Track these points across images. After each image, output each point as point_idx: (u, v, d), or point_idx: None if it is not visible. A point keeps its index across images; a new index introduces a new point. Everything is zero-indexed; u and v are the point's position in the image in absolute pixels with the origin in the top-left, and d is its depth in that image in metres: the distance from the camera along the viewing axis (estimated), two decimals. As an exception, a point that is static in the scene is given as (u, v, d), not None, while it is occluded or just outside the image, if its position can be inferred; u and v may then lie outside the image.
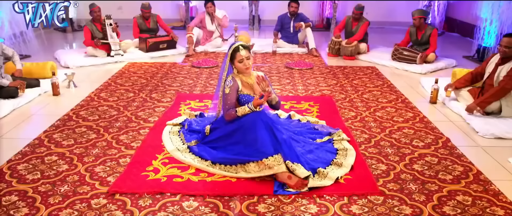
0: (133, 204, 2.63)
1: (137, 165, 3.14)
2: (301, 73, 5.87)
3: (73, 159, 3.24)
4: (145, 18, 7.07)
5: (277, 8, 8.56)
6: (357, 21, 6.89)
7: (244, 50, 3.15)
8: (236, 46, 3.15)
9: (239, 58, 3.13)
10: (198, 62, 6.33)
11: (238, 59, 3.14)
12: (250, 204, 2.67)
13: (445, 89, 4.58)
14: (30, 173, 3.00)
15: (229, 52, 3.18)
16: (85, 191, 2.78)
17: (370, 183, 2.92)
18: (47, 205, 2.59)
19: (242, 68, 3.17)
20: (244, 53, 3.13)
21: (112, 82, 5.29)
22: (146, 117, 4.15)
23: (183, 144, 3.46)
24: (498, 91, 4.01)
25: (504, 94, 4.00)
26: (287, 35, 7.41)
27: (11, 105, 4.30)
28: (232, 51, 3.15)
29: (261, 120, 3.05)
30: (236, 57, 3.14)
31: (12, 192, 2.74)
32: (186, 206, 2.63)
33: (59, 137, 3.63)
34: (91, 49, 6.41)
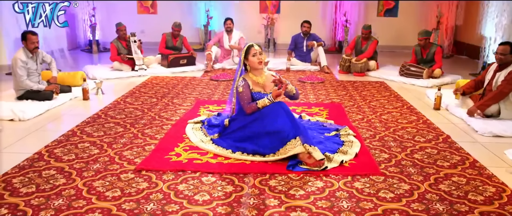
0: (158, 178, 2.96)
1: (161, 151, 3.47)
2: (313, 86, 6.22)
3: (103, 145, 3.60)
4: (174, 36, 7.59)
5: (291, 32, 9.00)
6: (366, 40, 7.27)
7: (257, 46, 3.53)
8: (250, 44, 3.53)
9: (253, 52, 3.49)
10: (216, 76, 6.74)
11: (252, 53, 3.49)
12: (262, 180, 2.96)
13: (454, 93, 4.84)
14: (65, 155, 3.37)
15: (244, 49, 3.55)
16: (115, 168, 3.12)
17: (372, 166, 3.19)
18: (68, 182, 2.93)
19: (255, 62, 3.51)
20: (257, 47, 3.51)
21: (136, 91, 5.71)
22: (168, 116, 4.51)
23: (206, 136, 3.79)
24: (496, 94, 4.27)
25: (502, 97, 4.26)
26: (300, 53, 7.82)
27: (46, 106, 4.73)
28: (246, 47, 3.53)
29: (281, 108, 3.37)
30: (250, 52, 3.50)
31: (51, 167, 3.10)
32: (205, 180, 2.94)
33: (90, 130, 4.01)
34: (117, 64, 6.90)
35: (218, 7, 9.96)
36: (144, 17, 10.24)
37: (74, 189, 2.77)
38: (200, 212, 2.51)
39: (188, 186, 2.85)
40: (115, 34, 7.20)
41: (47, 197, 2.65)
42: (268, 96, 3.42)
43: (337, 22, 9.99)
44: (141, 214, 2.47)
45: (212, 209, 2.55)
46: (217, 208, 2.56)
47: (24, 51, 4.93)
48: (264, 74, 3.63)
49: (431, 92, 5.59)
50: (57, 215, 2.44)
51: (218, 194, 2.75)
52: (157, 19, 10.12)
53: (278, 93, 3.39)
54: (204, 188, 2.82)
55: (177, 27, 7.55)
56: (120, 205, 2.58)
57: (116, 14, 9.47)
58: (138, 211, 2.50)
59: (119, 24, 7.06)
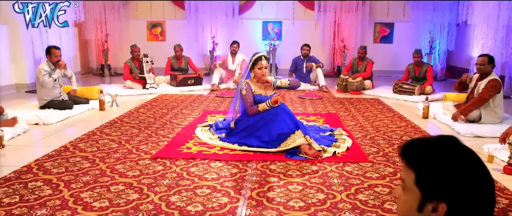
0: (171, 163, 3.36)
1: (173, 145, 3.89)
2: (312, 101, 6.66)
3: (121, 142, 4.02)
4: (178, 57, 8.13)
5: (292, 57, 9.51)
6: (362, 60, 7.77)
7: (265, 60, 3.98)
8: (260, 56, 3.98)
9: (259, 65, 3.95)
10: (222, 93, 7.22)
11: (258, 66, 3.95)
12: (264, 165, 3.36)
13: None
14: (88, 147, 3.80)
15: (253, 59, 3.99)
16: (133, 157, 3.53)
17: (362, 156, 3.59)
18: (93, 166, 3.35)
19: (259, 74, 3.97)
20: (264, 62, 3.96)
21: (148, 104, 6.16)
22: (178, 122, 4.94)
23: (213, 135, 4.21)
24: (477, 100, 4.70)
25: (482, 103, 4.68)
26: (300, 75, 8.31)
27: (66, 114, 5.18)
28: (256, 58, 3.97)
29: (282, 109, 3.83)
30: (257, 64, 3.95)
31: (77, 156, 3.52)
32: (213, 165, 3.34)
33: (108, 131, 4.44)
34: (129, 82, 7.40)
35: (223, 34, 10.56)
36: (153, 44, 10.83)
37: (99, 170, 3.18)
38: (210, 185, 2.90)
39: (199, 168, 3.25)
40: (125, 58, 7.74)
41: (75, 175, 3.06)
42: (267, 102, 3.87)
43: (335, 47, 10.54)
44: (158, 186, 2.87)
45: (220, 183, 2.95)
46: (224, 183, 2.96)
47: (47, 64, 5.42)
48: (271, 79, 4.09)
49: (421, 105, 6.01)
50: (84, 187, 2.84)
51: (225, 173, 3.15)
52: (166, 46, 10.70)
53: (276, 99, 3.83)
54: (212, 170, 3.22)
55: (178, 47, 8.12)
56: (140, 180, 2.98)
57: (127, 41, 10.06)
58: (156, 184, 2.90)
59: (133, 45, 7.63)
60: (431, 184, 1.01)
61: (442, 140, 1.05)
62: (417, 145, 1.07)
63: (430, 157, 1.01)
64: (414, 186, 1.04)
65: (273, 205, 2.59)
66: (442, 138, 1.05)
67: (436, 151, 1.02)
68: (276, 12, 10.71)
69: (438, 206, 1.00)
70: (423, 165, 1.02)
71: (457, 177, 0.99)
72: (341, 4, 10.26)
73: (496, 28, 7.02)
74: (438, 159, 1.01)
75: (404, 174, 1.08)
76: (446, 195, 0.99)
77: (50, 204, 2.56)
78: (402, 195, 1.09)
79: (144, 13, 10.77)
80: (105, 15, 10.29)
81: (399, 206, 1.11)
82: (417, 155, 1.05)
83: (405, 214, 1.08)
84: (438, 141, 1.05)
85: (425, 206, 1.02)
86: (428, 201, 1.01)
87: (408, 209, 1.06)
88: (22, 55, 7.37)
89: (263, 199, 2.68)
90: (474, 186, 0.99)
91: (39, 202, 2.59)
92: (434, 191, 1.00)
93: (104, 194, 2.73)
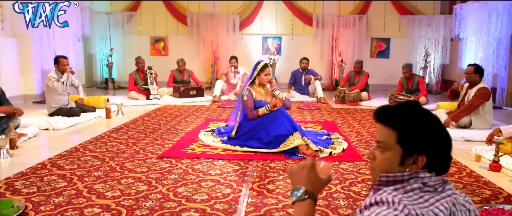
0: (177, 161, 3.57)
1: (178, 147, 4.10)
2: (310, 111, 6.88)
3: (128, 144, 4.23)
4: (180, 71, 8.39)
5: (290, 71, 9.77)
6: (358, 74, 8.03)
7: (270, 67, 4.27)
8: (265, 63, 4.26)
9: (266, 71, 4.22)
10: (223, 103, 7.46)
11: (265, 72, 4.22)
12: (264, 163, 3.57)
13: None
14: (98, 148, 4.01)
15: (259, 66, 4.24)
16: (140, 157, 3.74)
17: (356, 156, 3.80)
18: (103, 164, 3.56)
19: (265, 79, 4.24)
20: (270, 69, 4.25)
21: (152, 113, 6.39)
22: (182, 128, 5.16)
23: (216, 138, 4.43)
24: (467, 107, 4.93)
25: (472, 110, 4.91)
26: (299, 87, 8.57)
27: (75, 121, 5.40)
28: (262, 66, 4.23)
29: (280, 112, 4.06)
30: (265, 70, 4.21)
31: (87, 155, 3.73)
32: (216, 163, 3.55)
33: (115, 135, 4.65)
34: (134, 93, 7.64)
35: (224, 48, 10.85)
36: (156, 58, 11.12)
37: (109, 167, 3.38)
38: (213, 179, 3.11)
39: (203, 166, 3.46)
40: (129, 72, 8.01)
41: (87, 170, 3.27)
42: (266, 107, 4.10)
43: (333, 62, 10.84)
44: (165, 180, 3.07)
45: (223, 178, 3.15)
46: (227, 177, 3.16)
47: (56, 72, 5.66)
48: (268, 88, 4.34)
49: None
50: (96, 180, 3.05)
51: (227, 170, 3.36)
52: (168, 60, 10.98)
53: (275, 103, 4.07)
54: (216, 167, 3.43)
55: (181, 62, 8.38)
56: (148, 175, 3.18)
57: (131, 55, 10.34)
58: (163, 178, 3.11)
59: (138, 57, 7.91)
60: (412, 140, 1.17)
61: (411, 104, 1.22)
62: (393, 110, 1.23)
63: (409, 118, 1.19)
64: (396, 145, 1.19)
65: (273, 195, 2.79)
66: (409, 103, 1.22)
67: (412, 113, 1.19)
68: (275, 27, 11.04)
69: (418, 159, 1.17)
70: (404, 125, 1.18)
71: (432, 132, 1.18)
72: (339, 19, 10.59)
73: (487, 42, 7.30)
74: (415, 119, 1.18)
75: (382, 136, 1.23)
76: (425, 149, 1.17)
77: (66, 194, 2.76)
78: (379, 155, 1.24)
79: (148, 29, 11.10)
80: (109, 30, 10.61)
81: (378, 165, 1.25)
82: (396, 117, 1.20)
83: (386, 171, 1.23)
84: (409, 105, 1.22)
85: (406, 161, 1.19)
86: (409, 156, 1.18)
87: (389, 165, 1.22)
88: (30, 67, 7.63)
89: (263, 190, 2.88)
90: (443, 137, 1.19)
91: (55, 192, 2.79)
92: (414, 147, 1.17)
93: (116, 186, 2.93)
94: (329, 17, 10.63)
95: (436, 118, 1.21)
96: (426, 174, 1.18)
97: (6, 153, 3.68)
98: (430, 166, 1.19)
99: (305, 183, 1.27)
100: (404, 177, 1.19)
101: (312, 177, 1.28)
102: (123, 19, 10.75)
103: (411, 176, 1.19)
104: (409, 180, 1.18)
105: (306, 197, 1.24)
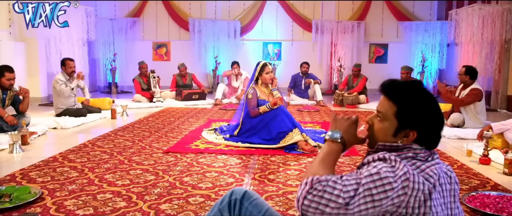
0: (182, 155, 3.75)
1: (182, 143, 4.28)
2: (309, 113, 7.07)
3: (135, 141, 4.41)
4: (182, 75, 8.58)
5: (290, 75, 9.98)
6: (357, 77, 8.23)
7: (270, 65, 4.45)
8: (265, 62, 4.45)
9: (267, 70, 4.41)
10: (224, 106, 7.64)
11: (266, 71, 4.41)
12: (265, 157, 3.74)
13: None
14: (106, 145, 4.19)
15: (259, 66, 4.43)
16: (147, 152, 3.91)
17: (353, 151, 3.97)
18: (111, 158, 3.74)
19: (267, 78, 4.43)
20: (270, 67, 4.43)
21: (156, 114, 6.57)
22: (185, 128, 5.34)
23: (218, 136, 4.61)
24: (458, 100, 5.14)
25: (461, 104, 5.14)
26: (299, 91, 8.76)
27: (81, 120, 5.58)
28: (262, 65, 4.42)
29: (281, 110, 4.24)
30: (265, 69, 4.40)
31: (96, 151, 3.92)
32: (219, 157, 3.73)
33: (122, 133, 4.83)
34: (137, 96, 7.83)
35: (225, 54, 11.06)
36: (158, 63, 11.31)
37: (117, 161, 3.56)
38: (217, 171, 3.28)
39: (206, 160, 3.64)
40: (131, 77, 8.23)
41: (97, 163, 3.45)
42: (267, 105, 4.29)
43: (332, 67, 11.04)
44: (172, 171, 3.25)
45: (226, 169, 3.33)
46: (230, 169, 3.34)
47: (62, 75, 5.86)
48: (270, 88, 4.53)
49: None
50: (106, 171, 3.23)
51: (230, 163, 3.53)
52: (170, 65, 11.18)
53: (275, 102, 4.26)
54: (219, 161, 3.61)
55: (183, 67, 8.57)
56: (155, 167, 3.36)
57: (134, 60, 10.54)
58: (169, 170, 3.28)
59: (141, 62, 8.12)
60: (407, 117, 1.33)
61: (416, 83, 1.38)
62: (399, 86, 1.37)
63: (410, 97, 1.34)
64: (393, 117, 1.34)
65: (273, 184, 2.96)
66: (415, 82, 1.38)
67: (414, 93, 1.35)
68: (276, 33, 11.27)
69: (409, 133, 1.33)
70: (404, 103, 1.34)
71: (427, 113, 1.34)
72: (338, 25, 10.82)
73: (481, 46, 7.50)
74: (415, 99, 1.34)
75: (383, 107, 1.38)
76: (418, 126, 1.33)
77: (79, 182, 2.93)
78: (377, 123, 1.39)
79: (150, 34, 11.33)
80: (113, 36, 10.83)
81: (375, 132, 1.40)
82: (400, 93, 1.35)
83: (380, 139, 1.39)
84: (414, 83, 1.37)
85: (399, 133, 1.35)
86: (402, 129, 1.34)
87: (384, 134, 1.37)
88: (37, 70, 7.83)
89: (264, 180, 3.06)
90: (436, 118, 1.35)
91: (68, 180, 2.97)
92: (409, 123, 1.33)
93: (125, 176, 3.10)
94: (328, 23, 10.85)
95: (434, 100, 1.36)
96: (418, 147, 1.34)
97: (18, 148, 3.86)
98: (420, 141, 1.34)
99: (344, 131, 1.39)
100: (399, 147, 1.35)
101: (351, 131, 1.40)
102: (127, 25, 10.97)
103: (405, 147, 1.34)
104: (403, 150, 1.34)
105: (339, 141, 1.37)
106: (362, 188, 1.19)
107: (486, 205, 2.45)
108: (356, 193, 1.19)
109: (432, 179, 1.28)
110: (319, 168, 1.30)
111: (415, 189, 1.23)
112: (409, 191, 1.22)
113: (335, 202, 1.17)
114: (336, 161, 1.37)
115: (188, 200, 2.60)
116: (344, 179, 1.21)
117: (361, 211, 1.18)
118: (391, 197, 1.20)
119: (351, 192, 1.19)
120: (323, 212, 1.18)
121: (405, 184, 1.22)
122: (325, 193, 1.18)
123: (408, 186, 1.22)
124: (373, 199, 1.18)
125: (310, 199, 1.19)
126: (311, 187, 1.21)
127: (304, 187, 1.22)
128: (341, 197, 1.18)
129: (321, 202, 1.18)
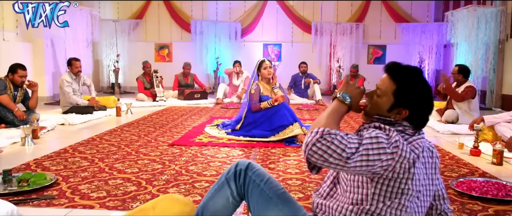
0: (187, 148, 3.93)
1: (186, 137, 4.47)
2: (309, 111, 7.25)
3: (140, 135, 4.59)
4: (185, 75, 8.78)
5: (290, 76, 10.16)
6: (354, 77, 8.42)
7: (268, 61, 4.64)
8: (262, 59, 4.64)
9: (264, 66, 4.59)
10: (226, 105, 7.83)
11: (263, 66, 4.60)
12: (266, 149, 3.93)
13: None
14: (113, 138, 4.37)
15: (258, 63, 4.64)
16: (153, 144, 4.10)
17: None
18: (119, 150, 3.92)
19: (266, 73, 4.61)
20: (267, 63, 4.62)
21: (159, 112, 6.76)
22: (188, 124, 5.52)
23: (220, 130, 4.79)
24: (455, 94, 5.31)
25: (456, 99, 5.32)
26: (299, 90, 8.95)
27: (88, 118, 5.77)
28: (259, 62, 4.62)
29: (283, 105, 4.44)
30: (262, 65, 4.60)
31: (105, 143, 4.10)
32: (222, 149, 3.91)
33: (128, 129, 5.02)
34: (141, 95, 8.02)
35: (226, 55, 11.25)
36: (160, 64, 11.51)
37: (125, 152, 3.74)
38: (220, 160, 3.46)
39: (210, 151, 3.82)
40: (134, 77, 8.42)
41: (106, 154, 3.63)
42: (269, 101, 4.47)
43: (331, 68, 11.23)
44: (177, 161, 3.43)
45: (229, 159, 3.51)
46: (233, 159, 3.52)
47: (69, 74, 6.05)
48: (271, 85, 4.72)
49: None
50: (115, 161, 3.41)
51: (233, 154, 3.72)
52: (172, 66, 11.38)
53: (276, 99, 4.45)
54: (222, 152, 3.79)
55: (187, 66, 8.78)
56: (161, 158, 3.54)
57: (136, 61, 10.74)
58: (175, 160, 3.46)
59: (145, 62, 8.33)
60: (404, 97, 1.51)
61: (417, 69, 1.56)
62: (402, 68, 1.55)
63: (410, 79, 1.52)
64: (391, 95, 1.52)
65: (274, 172, 3.14)
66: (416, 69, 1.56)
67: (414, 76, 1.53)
68: (276, 35, 11.46)
69: (402, 111, 1.51)
70: (404, 83, 1.51)
71: (422, 97, 1.52)
72: (337, 27, 11.01)
73: (476, 46, 7.69)
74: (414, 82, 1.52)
75: (384, 84, 1.55)
76: (411, 106, 1.51)
77: (90, 170, 3.11)
78: (375, 98, 1.56)
79: (153, 36, 11.52)
80: (116, 37, 11.02)
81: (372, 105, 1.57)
82: (401, 75, 1.53)
83: (375, 112, 1.56)
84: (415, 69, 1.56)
85: (393, 110, 1.52)
86: (397, 107, 1.52)
87: (380, 109, 1.55)
88: (43, 70, 8.02)
89: (266, 168, 3.22)
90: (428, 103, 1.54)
91: (80, 169, 3.15)
92: (404, 102, 1.51)
93: (133, 165, 3.28)
94: (327, 25, 11.04)
95: (429, 88, 1.54)
96: (407, 124, 1.53)
97: (30, 141, 4.05)
98: (410, 120, 1.53)
99: (353, 96, 1.54)
100: (392, 121, 1.53)
101: (357, 99, 1.55)
102: (129, 27, 11.17)
103: (396, 122, 1.53)
104: (395, 125, 1.53)
105: (347, 103, 1.51)
106: (362, 147, 1.36)
107: (472, 189, 2.62)
108: (357, 151, 1.35)
109: (417, 150, 1.46)
110: (327, 122, 1.44)
111: (402, 156, 1.40)
112: (397, 157, 1.39)
113: (339, 155, 1.34)
114: (341, 119, 1.52)
115: (194, 185, 2.78)
116: (349, 137, 1.37)
117: (356, 167, 1.36)
118: (382, 159, 1.37)
119: (353, 149, 1.35)
120: (325, 160, 1.35)
121: (394, 150, 1.39)
122: (332, 145, 1.34)
123: (396, 153, 1.39)
124: (368, 158, 1.36)
125: (319, 146, 1.35)
126: (321, 136, 1.35)
127: (315, 135, 1.36)
128: (345, 151, 1.34)
129: (327, 152, 1.34)
